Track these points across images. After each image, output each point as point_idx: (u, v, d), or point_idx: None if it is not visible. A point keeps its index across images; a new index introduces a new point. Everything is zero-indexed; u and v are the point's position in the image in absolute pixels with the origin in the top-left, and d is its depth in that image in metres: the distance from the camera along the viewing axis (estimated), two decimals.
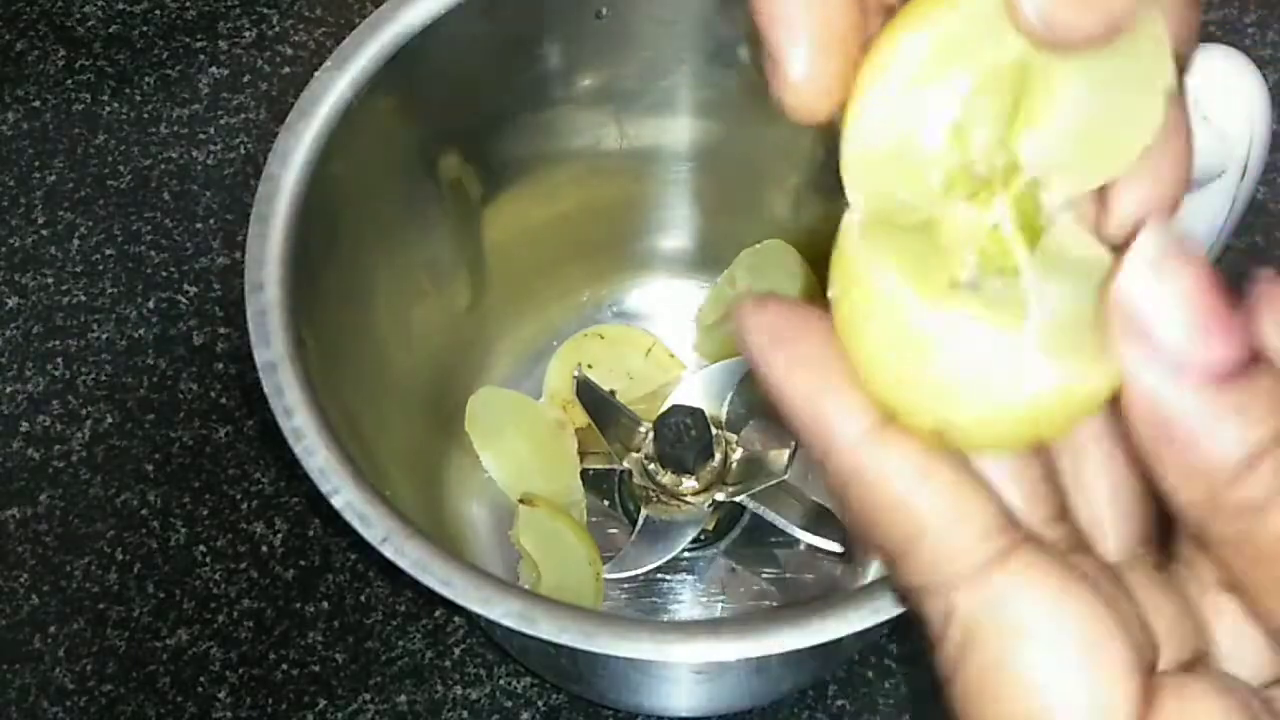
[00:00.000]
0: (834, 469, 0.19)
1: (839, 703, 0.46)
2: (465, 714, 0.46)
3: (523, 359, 0.52)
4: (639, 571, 0.47)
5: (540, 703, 0.46)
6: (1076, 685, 0.18)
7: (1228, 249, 0.48)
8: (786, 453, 0.46)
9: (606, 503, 0.49)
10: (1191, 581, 0.20)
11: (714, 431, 0.46)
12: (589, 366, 0.50)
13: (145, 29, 0.60)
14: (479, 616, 0.33)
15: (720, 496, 0.46)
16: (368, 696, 0.46)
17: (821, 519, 0.48)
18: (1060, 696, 0.18)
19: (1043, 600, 0.18)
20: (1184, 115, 0.21)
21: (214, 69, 0.59)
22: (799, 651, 0.32)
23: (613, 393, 0.49)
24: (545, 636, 0.32)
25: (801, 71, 0.20)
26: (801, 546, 0.48)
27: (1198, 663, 0.20)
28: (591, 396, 0.48)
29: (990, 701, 0.18)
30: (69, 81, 0.59)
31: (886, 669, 0.47)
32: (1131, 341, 0.17)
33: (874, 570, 0.48)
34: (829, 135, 0.23)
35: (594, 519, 0.49)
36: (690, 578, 0.48)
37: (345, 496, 0.34)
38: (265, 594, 0.48)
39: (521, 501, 0.47)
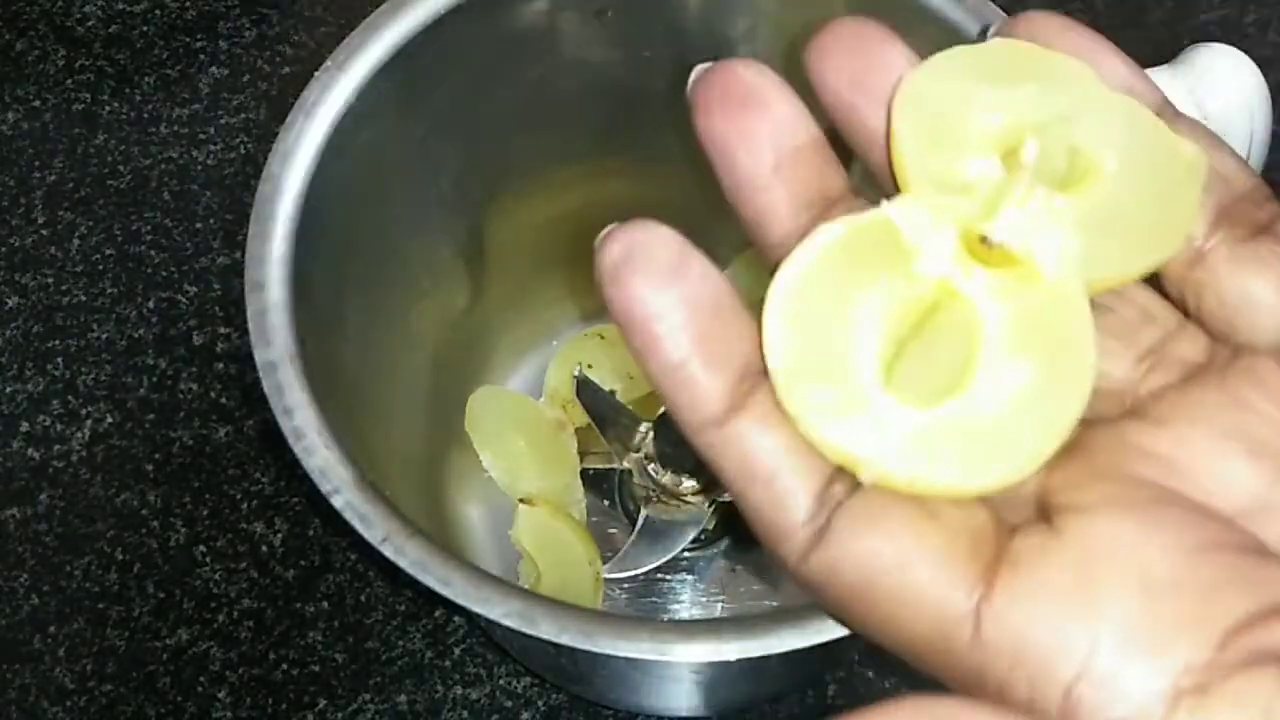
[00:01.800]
0: (693, 443, 0.21)
1: (839, 703, 0.46)
2: (465, 714, 0.46)
3: (523, 359, 0.52)
4: (639, 571, 0.47)
5: (540, 703, 0.46)
6: (916, 594, 0.20)
7: None
8: None
9: (606, 503, 0.49)
10: None
11: None
12: (589, 366, 0.50)
13: (145, 29, 0.60)
14: (479, 616, 0.33)
15: (720, 496, 0.46)
16: (368, 696, 0.46)
17: None
18: (908, 606, 0.20)
19: (864, 547, 0.20)
20: None
21: (214, 69, 0.59)
22: (799, 651, 0.32)
23: (613, 393, 0.49)
24: (545, 636, 0.32)
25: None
26: None
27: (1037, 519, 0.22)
28: (591, 396, 0.48)
29: (858, 622, 0.21)
30: (69, 81, 0.59)
31: (886, 669, 0.47)
32: None
33: None
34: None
35: (594, 519, 0.49)
36: (690, 578, 0.48)
37: (345, 496, 0.34)
38: (265, 594, 0.48)
39: (521, 501, 0.47)
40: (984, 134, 0.22)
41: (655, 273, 0.21)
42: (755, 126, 0.22)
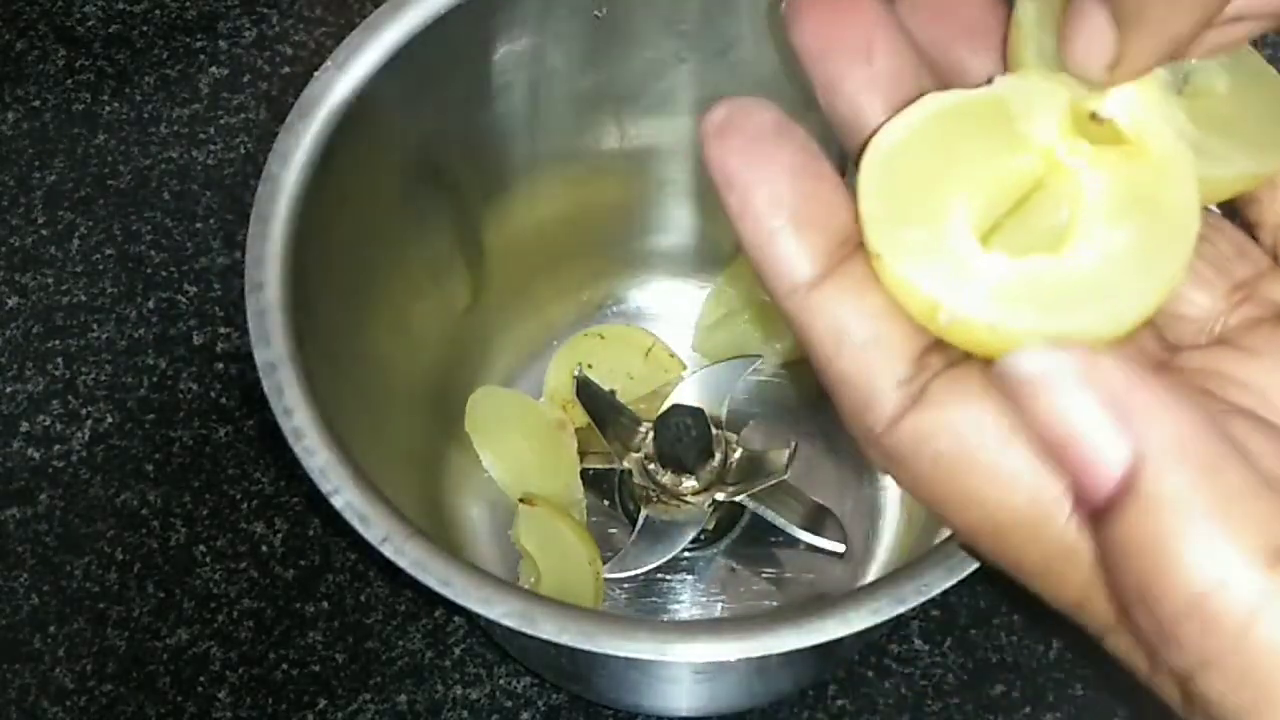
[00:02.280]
0: (781, 309, 0.21)
1: (839, 703, 0.46)
2: (465, 714, 0.46)
3: (523, 359, 0.52)
4: (639, 571, 0.47)
5: (540, 703, 0.46)
6: (1008, 471, 0.19)
7: None
8: (786, 452, 0.46)
9: (606, 503, 0.49)
10: None
11: (714, 431, 0.46)
12: (589, 366, 0.50)
13: (145, 29, 0.60)
14: (479, 616, 0.33)
15: (720, 496, 0.46)
16: (368, 696, 0.46)
17: (822, 519, 0.48)
18: (999, 484, 0.19)
19: (955, 419, 0.20)
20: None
21: (214, 69, 0.59)
22: (799, 651, 0.32)
23: (612, 392, 0.49)
24: (545, 636, 0.32)
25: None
26: (801, 546, 0.48)
27: None
28: (591, 396, 0.48)
29: (941, 500, 0.20)
30: (69, 81, 0.59)
31: (886, 669, 0.47)
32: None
33: (874, 570, 0.48)
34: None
35: (594, 519, 0.49)
36: (690, 578, 0.48)
37: (345, 496, 0.34)
38: (265, 594, 0.48)
39: (522, 501, 0.47)
40: None
41: (757, 135, 0.21)
42: (851, 32, 0.22)
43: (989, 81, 0.22)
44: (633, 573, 0.47)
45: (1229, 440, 0.18)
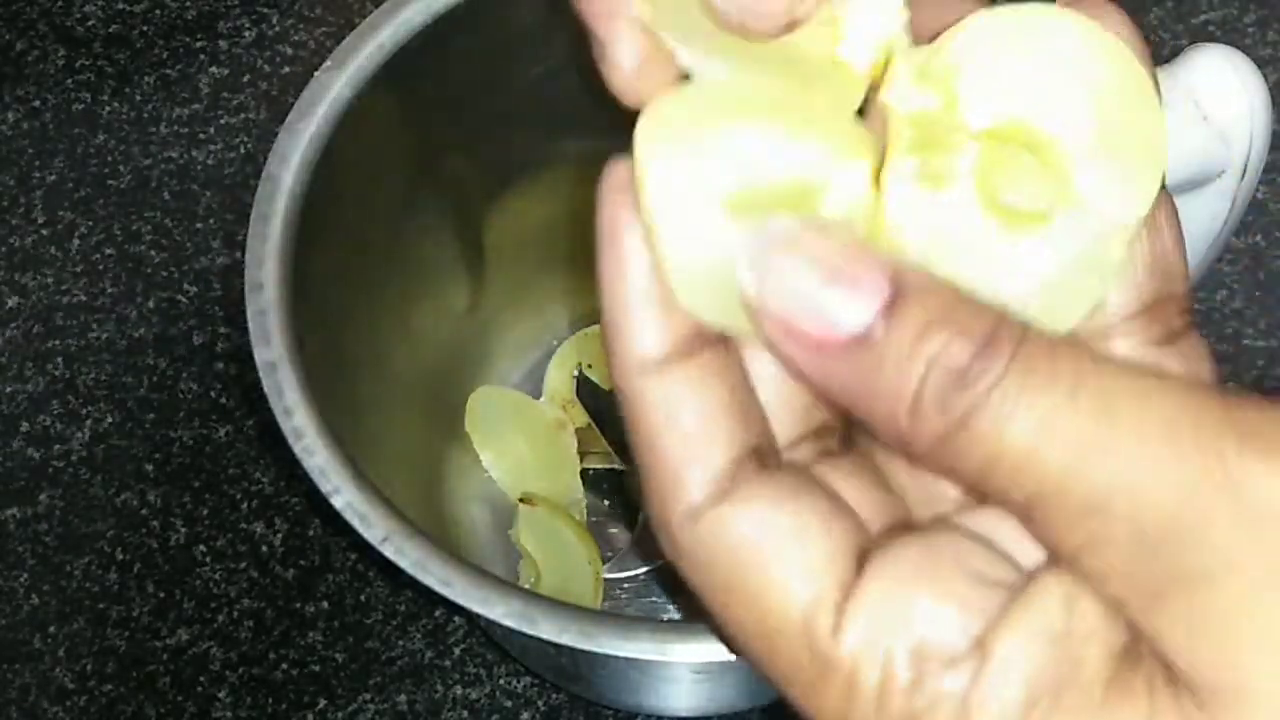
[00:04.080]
0: (618, 381, 0.21)
1: None
2: (465, 714, 0.46)
3: (523, 359, 0.52)
4: (639, 571, 0.47)
5: (540, 703, 0.46)
6: (792, 574, 0.19)
7: (1228, 249, 0.48)
8: None
9: (606, 503, 0.49)
10: (877, 451, 0.22)
11: None
12: (589, 366, 0.50)
13: (145, 29, 0.60)
14: (479, 616, 0.33)
15: None
16: (368, 696, 0.46)
17: None
18: (780, 586, 0.19)
19: (755, 517, 0.20)
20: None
21: (214, 69, 0.59)
22: None
23: (612, 392, 0.49)
24: (545, 636, 0.32)
25: (630, 61, 0.22)
26: None
27: (902, 526, 0.21)
28: (591, 396, 0.48)
29: (723, 594, 0.20)
30: (69, 81, 0.59)
31: None
32: (771, 330, 0.19)
33: None
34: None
35: (594, 519, 0.49)
36: None
37: (345, 496, 0.34)
38: (265, 594, 0.48)
39: (522, 501, 0.47)
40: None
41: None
42: None
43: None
44: (633, 573, 0.47)
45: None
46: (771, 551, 0.19)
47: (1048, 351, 0.18)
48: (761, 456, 0.20)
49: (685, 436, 0.20)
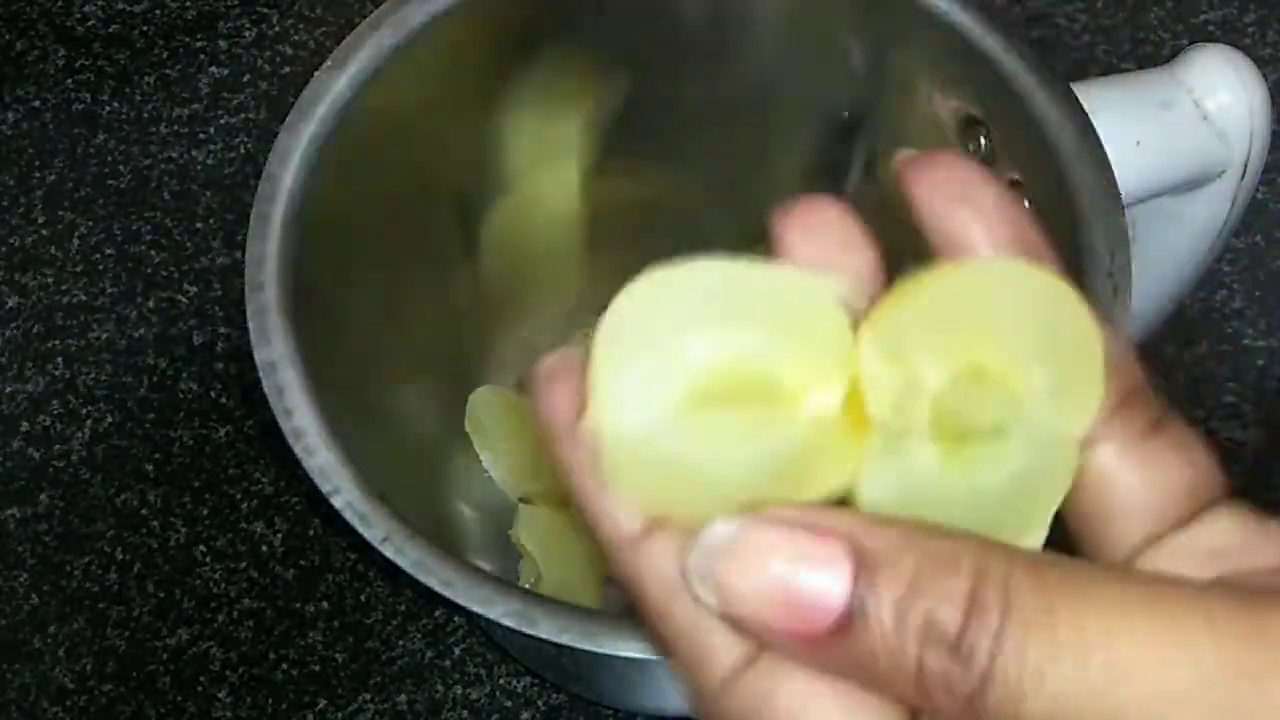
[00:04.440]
0: (611, 561, 0.20)
1: None
2: (465, 714, 0.46)
3: (522, 359, 0.52)
4: None
5: (540, 703, 0.46)
6: None
7: (1228, 249, 0.48)
8: None
9: None
10: None
11: None
12: None
13: (145, 29, 0.60)
14: (479, 616, 0.33)
15: None
16: (368, 696, 0.46)
17: None
18: None
19: (799, 689, 0.19)
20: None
21: (214, 69, 0.59)
22: None
23: None
24: (545, 636, 0.32)
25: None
26: None
27: None
28: None
29: None
30: (69, 81, 0.59)
31: None
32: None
33: None
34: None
35: None
36: None
37: (345, 496, 0.34)
38: (265, 594, 0.48)
39: (522, 500, 0.47)
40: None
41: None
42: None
43: None
44: None
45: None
46: (816, 710, 0.19)
47: (1037, 593, 0.17)
48: None
49: (694, 601, 0.19)
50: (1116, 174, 0.37)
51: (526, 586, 0.45)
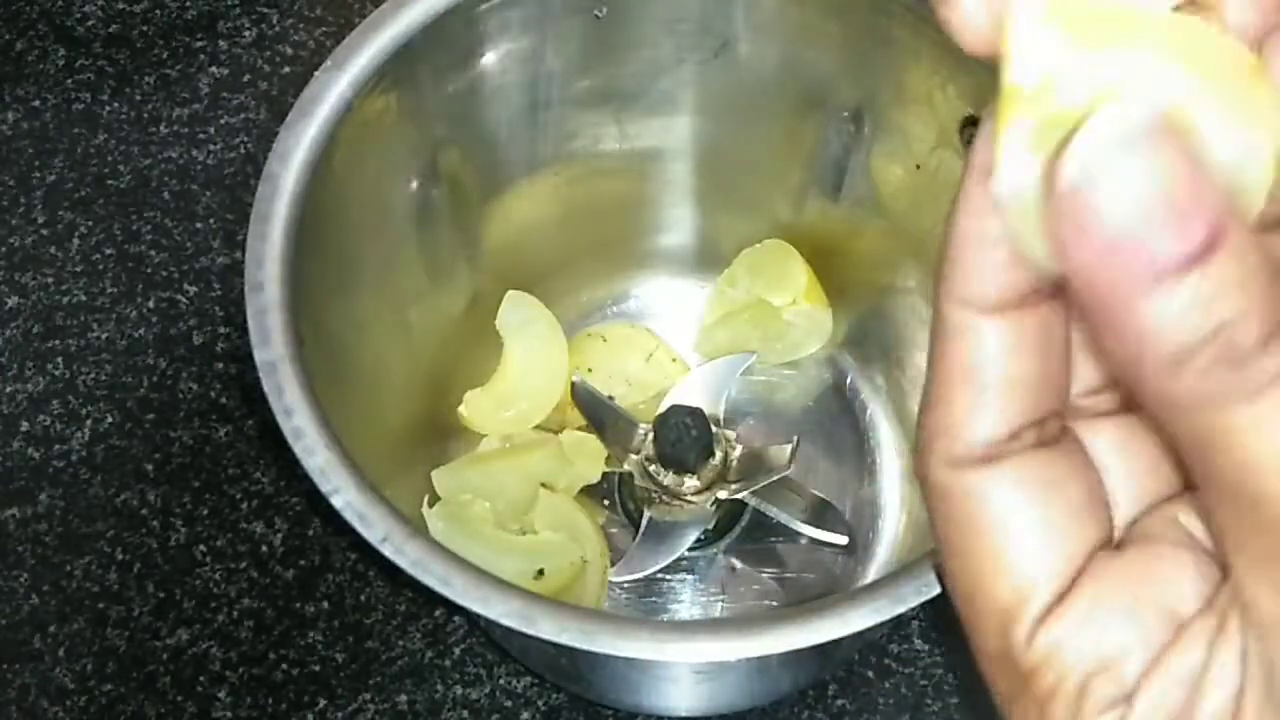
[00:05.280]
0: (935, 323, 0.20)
1: (839, 703, 0.46)
2: (465, 714, 0.46)
3: None
4: (645, 574, 0.46)
5: (540, 703, 0.46)
6: (1016, 568, 0.20)
7: None
8: (789, 448, 0.46)
9: (606, 502, 0.49)
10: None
11: (714, 430, 0.46)
12: (589, 371, 0.50)
13: (145, 29, 0.60)
14: (479, 616, 0.33)
15: (722, 494, 0.46)
16: (368, 696, 0.46)
17: (823, 512, 0.48)
18: (1002, 573, 0.20)
19: (1010, 498, 0.20)
20: None
21: (214, 69, 0.59)
22: (799, 651, 0.32)
23: (610, 398, 0.49)
24: (545, 636, 0.32)
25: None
26: (804, 542, 0.48)
27: (1148, 514, 0.21)
28: (589, 401, 0.48)
29: (953, 550, 0.20)
30: (69, 81, 0.59)
31: (886, 669, 0.47)
32: (1078, 232, 0.17)
33: (875, 569, 0.48)
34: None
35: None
36: (691, 578, 0.48)
37: (345, 496, 0.34)
38: (265, 594, 0.48)
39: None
40: None
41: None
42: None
43: None
44: (638, 575, 0.46)
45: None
46: (1009, 537, 0.20)
47: None
48: (1043, 425, 0.20)
49: (982, 384, 0.20)
50: None
51: (532, 575, 0.45)
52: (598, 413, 0.48)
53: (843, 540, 0.47)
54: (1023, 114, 0.19)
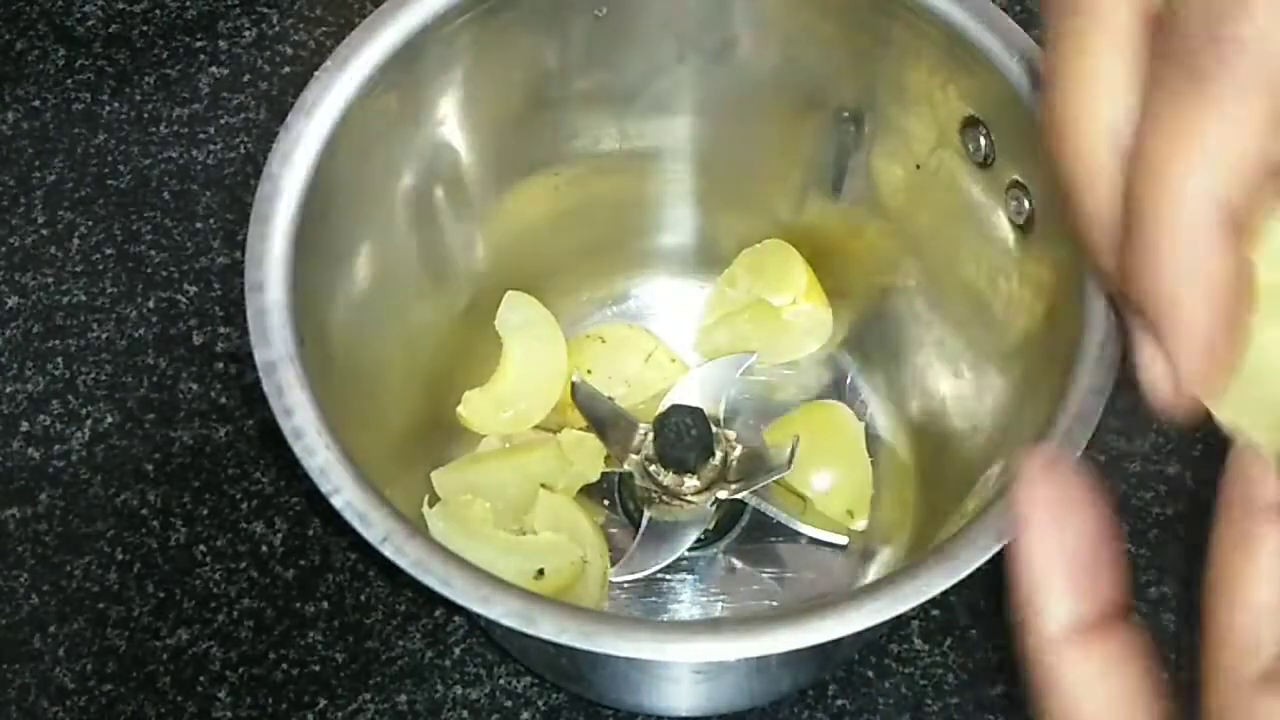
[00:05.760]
0: (1029, 657, 0.23)
1: (839, 703, 0.46)
2: (465, 714, 0.46)
3: None
4: (645, 574, 0.46)
5: (540, 703, 0.46)
6: None
7: None
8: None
9: (606, 502, 0.49)
10: None
11: (714, 429, 0.46)
12: (588, 372, 0.50)
13: (145, 29, 0.60)
14: (479, 616, 0.33)
15: (722, 494, 0.46)
16: (368, 696, 0.46)
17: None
18: None
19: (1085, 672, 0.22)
20: None
21: (214, 69, 0.59)
22: (799, 651, 0.32)
23: (611, 399, 0.49)
24: (545, 636, 0.32)
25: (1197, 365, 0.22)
26: (803, 542, 0.48)
27: None
28: (589, 401, 0.48)
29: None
30: (69, 81, 0.59)
31: (886, 669, 0.47)
32: None
33: (875, 569, 0.48)
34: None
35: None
36: (691, 578, 0.48)
37: (345, 496, 0.34)
38: (265, 594, 0.48)
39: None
40: None
41: (1063, 494, 0.23)
42: None
43: None
44: (639, 575, 0.46)
45: None
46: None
47: None
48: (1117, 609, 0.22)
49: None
50: None
51: (532, 575, 0.45)
52: (597, 413, 0.48)
53: (843, 540, 0.47)
54: None
